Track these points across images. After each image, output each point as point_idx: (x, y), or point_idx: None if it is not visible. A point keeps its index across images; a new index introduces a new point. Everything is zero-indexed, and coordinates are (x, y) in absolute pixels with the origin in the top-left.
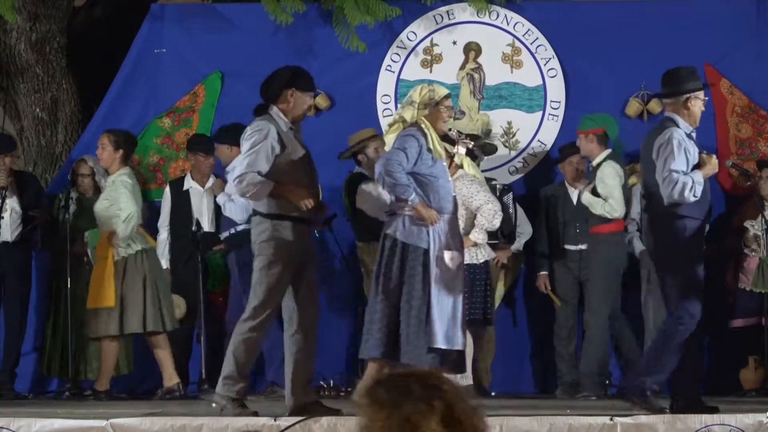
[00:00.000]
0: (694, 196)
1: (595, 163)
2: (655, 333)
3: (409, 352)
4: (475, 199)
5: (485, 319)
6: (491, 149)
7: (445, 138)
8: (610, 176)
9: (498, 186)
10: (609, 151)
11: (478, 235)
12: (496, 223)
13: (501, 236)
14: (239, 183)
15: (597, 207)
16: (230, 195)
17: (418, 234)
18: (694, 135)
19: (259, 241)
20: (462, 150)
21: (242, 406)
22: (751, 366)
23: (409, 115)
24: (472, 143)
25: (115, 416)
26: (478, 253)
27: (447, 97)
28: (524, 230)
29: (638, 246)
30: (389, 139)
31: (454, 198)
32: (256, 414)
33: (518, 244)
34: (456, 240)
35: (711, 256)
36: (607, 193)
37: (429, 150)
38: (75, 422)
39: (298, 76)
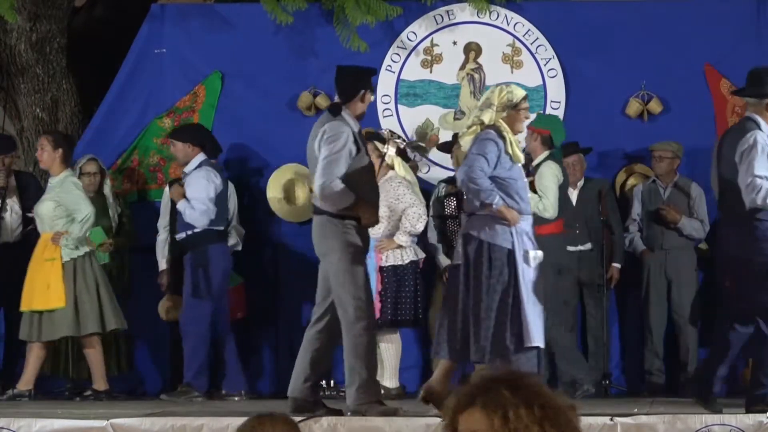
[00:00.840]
0: None
1: (535, 163)
2: (655, 333)
3: (481, 350)
4: (401, 201)
5: (415, 320)
6: (424, 151)
7: (376, 137)
8: (547, 177)
9: None
10: (548, 152)
11: (401, 237)
12: (420, 226)
13: None
14: (323, 191)
15: (533, 205)
16: (190, 201)
17: (503, 234)
18: None
19: (331, 241)
20: (392, 150)
21: (381, 402)
22: (751, 366)
23: (487, 117)
24: (404, 143)
25: (115, 416)
26: (403, 254)
27: (525, 98)
28: None
29: (639, 245)
30: (466, 141)
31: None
32: (396, 412)
33: None
34: (536, 240)
35: (711, 257)
36: (542, 192)
37: (507, 153)
38: (75, 422)
39: (370, 75)
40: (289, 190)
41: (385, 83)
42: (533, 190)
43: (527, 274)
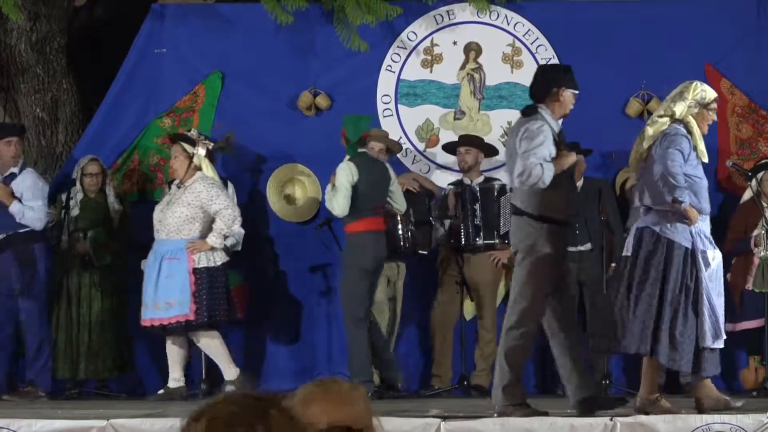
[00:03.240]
0: None
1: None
2: None
3: (674, 353)
4: (214, 202)
5: (231, 320)
6: (229, 152)
7: (184, 139)
8: (339, 176)
9: (496, 186)
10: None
11: (215, 240)
12: (235, 228)
13: (498, 236)
14: (520, 177)
15: (327, 201)
16: (25, 203)
17: (683, 232)
18: None
19: (525, 244)
20: (202, 151)
21: (527, 407)
22: (751, 366)
23: (679, 110)
24: (212, 144)
25: (115, 416)
26: (215, 256)
27: (714, 100)
28: None
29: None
30: (653, 131)
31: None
32: (546, 414)
33: None
34: (713, 239)
35: None
36: (336, 190)
37: (694, 149)
38: (75, 422)
39: (566, 74)
40: (290, 190)
41: (385, 83)
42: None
43: (707, 274)
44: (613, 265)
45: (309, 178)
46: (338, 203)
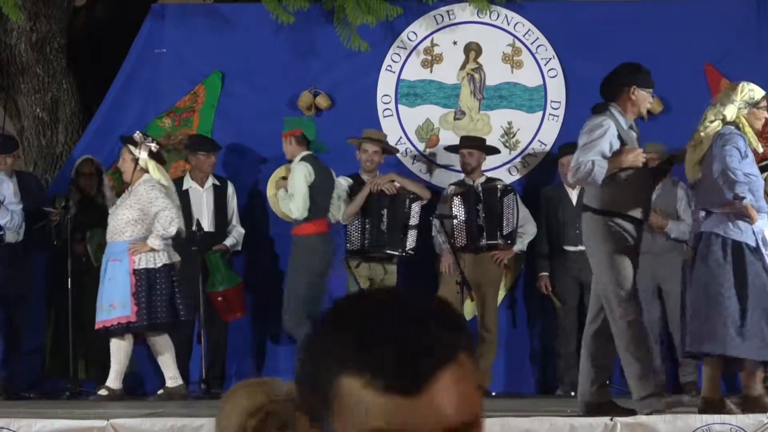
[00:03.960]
0: None
1: (294, 163)
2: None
3: (749, 347)
4: (153, 204)
5: (175, 322)
6: (178, 151)
7: (129, 141)
8: (296, 177)
9: (499, 186)
10: (306, 152)
11: (154, 241)
12: (172, 230)
13: (500, 237)
14: (571, 171)
15: (282, 205)
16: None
17: (746, 231)
18: None
19: (595, 237)
20: (143, 154)
21: (664, 395)
22: None
23: (730, 112)
24: (157, 146)
25: (115, 416)
26: (156, 258)
27: (764, 98)
28: (527, 231)
29: None
30: (705, 136)
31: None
32: (680, 402)
33: (521, 245)
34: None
35: None
36: (292, 192)
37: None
38: (75, 422)
39: (639, 72)
40: None
41: (385, 83)
42: None
43: (761, 273)
44: None
45: None
46: (297, 206)
